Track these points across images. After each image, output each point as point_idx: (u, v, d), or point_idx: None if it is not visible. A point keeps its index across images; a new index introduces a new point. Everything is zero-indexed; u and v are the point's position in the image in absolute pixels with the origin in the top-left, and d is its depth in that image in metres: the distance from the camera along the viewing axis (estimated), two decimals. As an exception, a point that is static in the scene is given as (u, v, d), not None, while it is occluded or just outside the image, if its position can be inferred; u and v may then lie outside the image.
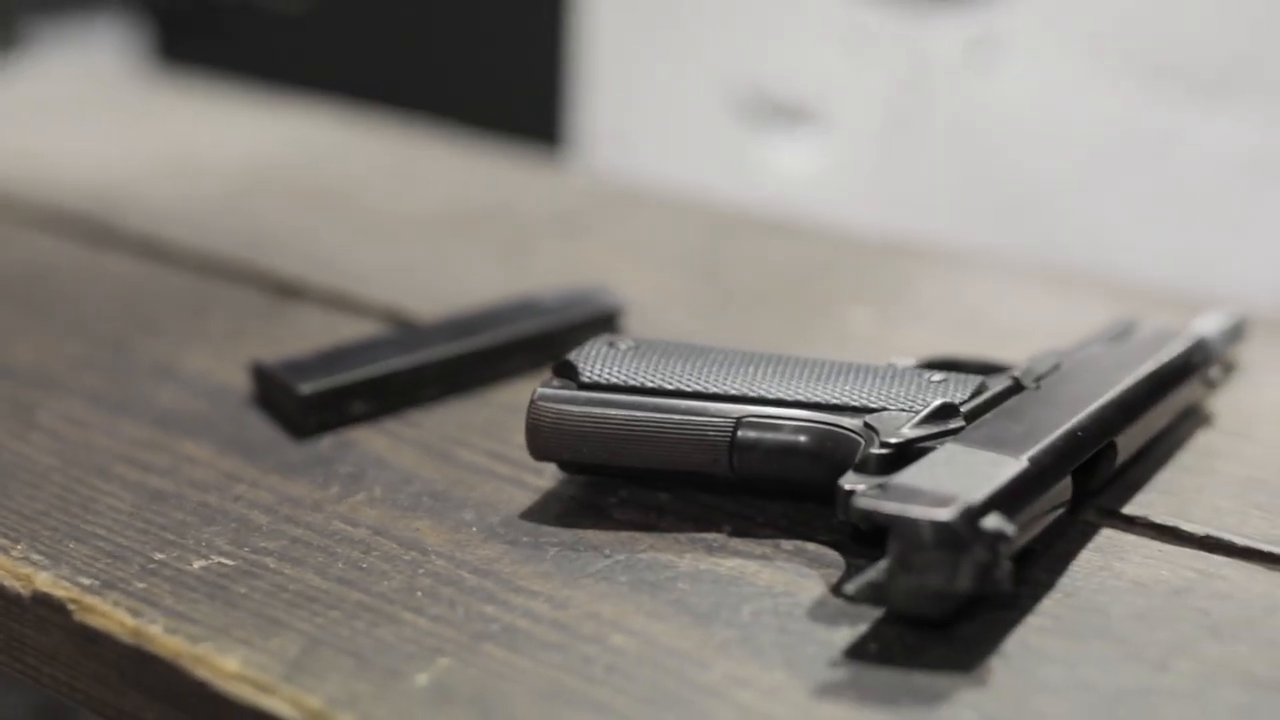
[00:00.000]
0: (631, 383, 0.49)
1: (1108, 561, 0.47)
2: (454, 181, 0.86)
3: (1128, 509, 0.50)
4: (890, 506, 0.41)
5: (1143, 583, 0.46)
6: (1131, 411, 0.50)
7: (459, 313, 0.61)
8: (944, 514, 0.41)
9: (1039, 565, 0.46)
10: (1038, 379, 0.50)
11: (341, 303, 0.67)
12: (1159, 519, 0.49)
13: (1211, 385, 0.57)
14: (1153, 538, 0.48)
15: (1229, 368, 0.60)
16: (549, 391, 0.49)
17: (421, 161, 0.90)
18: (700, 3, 1.01)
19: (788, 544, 0.47)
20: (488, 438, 0.54)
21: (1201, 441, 0.55)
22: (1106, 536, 0.48)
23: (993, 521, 0.41)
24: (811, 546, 0.47)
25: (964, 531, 0.40)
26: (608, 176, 0.98)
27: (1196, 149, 0.85)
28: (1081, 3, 0.88)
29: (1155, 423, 0.52)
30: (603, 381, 0.49)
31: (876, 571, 0.41)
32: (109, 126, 0.95)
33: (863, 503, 0.41)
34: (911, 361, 0.52)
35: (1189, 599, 0.45)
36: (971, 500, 0.41)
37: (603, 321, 0.60)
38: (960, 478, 0.43)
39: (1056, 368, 0.52)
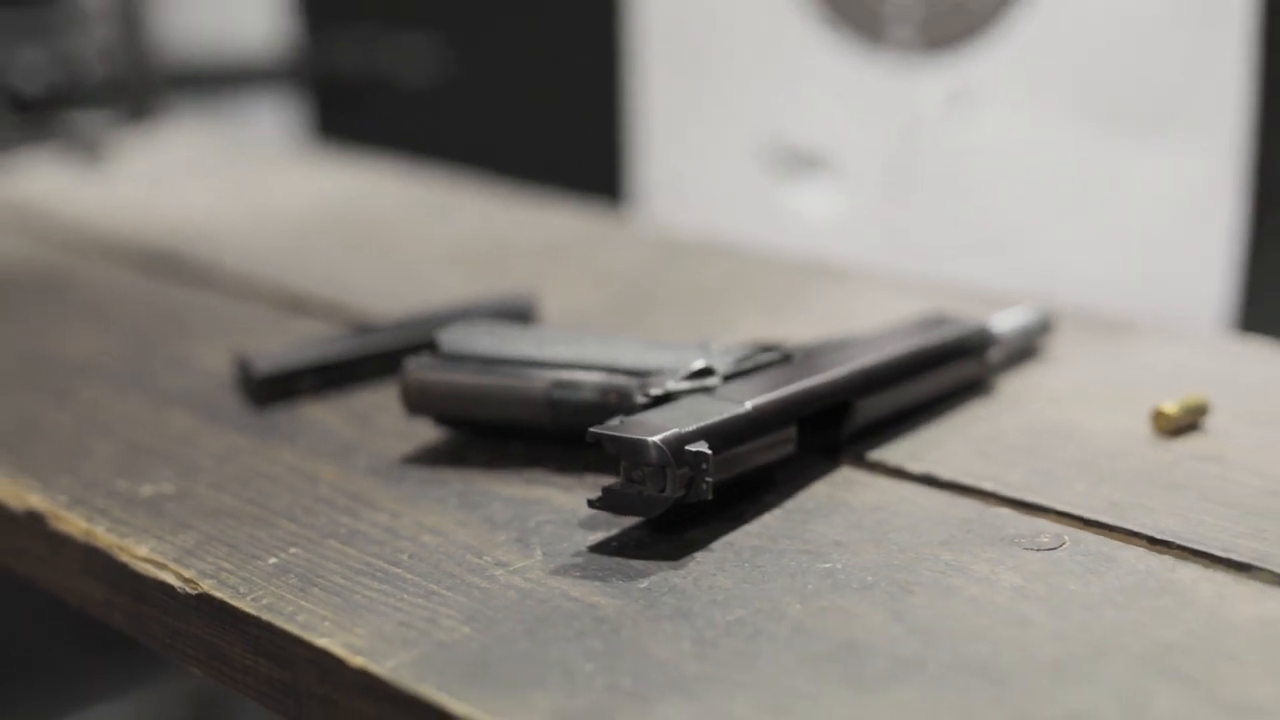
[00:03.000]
0: (477, 354, 0.63)
1: (833, 491, 0.59)
2: (467, 223, 1.01)
3: (874, 455, 0.62)
4: (619, 432, 0.55)
5: (851, 505, 0.58)
6: (876, 379, 0.62)
7: (407, 314, 0.76)
8: (657, 437, 0.54)
9: (777, 492, 0.59)
10: (806, 353, 0.63)
11: (336, 310, 0.83)
12: (893, 462, 0.61)
13: (990, 365, 0.68)
14: (882, 475, 0.61)
15: (1029, 353, 0.72)
16: (414, 361, 0.63)
17: (457, 207, 1.05)
18: (732, 66, 1.14)
19: (593, 479, 0.61)
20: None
21: (973, 408, 0.67)
22: (844, 474, 0.61)
23: (696, 446, 0.54)
24: (610, 480, 0.61)
25: (671, 451, 0.54)
26: (596, 215, 1.12)
27: (1141, 183, 0.96)
28: (1038, 54, 0.99)
29: (912, 391, 0.64)
30: (455, 354, 0.63)
31: (611, 484, 0.55)
32: (209, 182, 1.13)
33: (600, 430, 0.55)
34: (734, 343, 0.65)
35: (876, 515, 0.57)
36: (683, 430, 0.55)
37: (516, 319, 0.75)
38: (685, 417, 0.56)
39: (831, 344, 0.64)
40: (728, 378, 0.60)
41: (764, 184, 1.13)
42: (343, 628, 0.51)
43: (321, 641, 0.50)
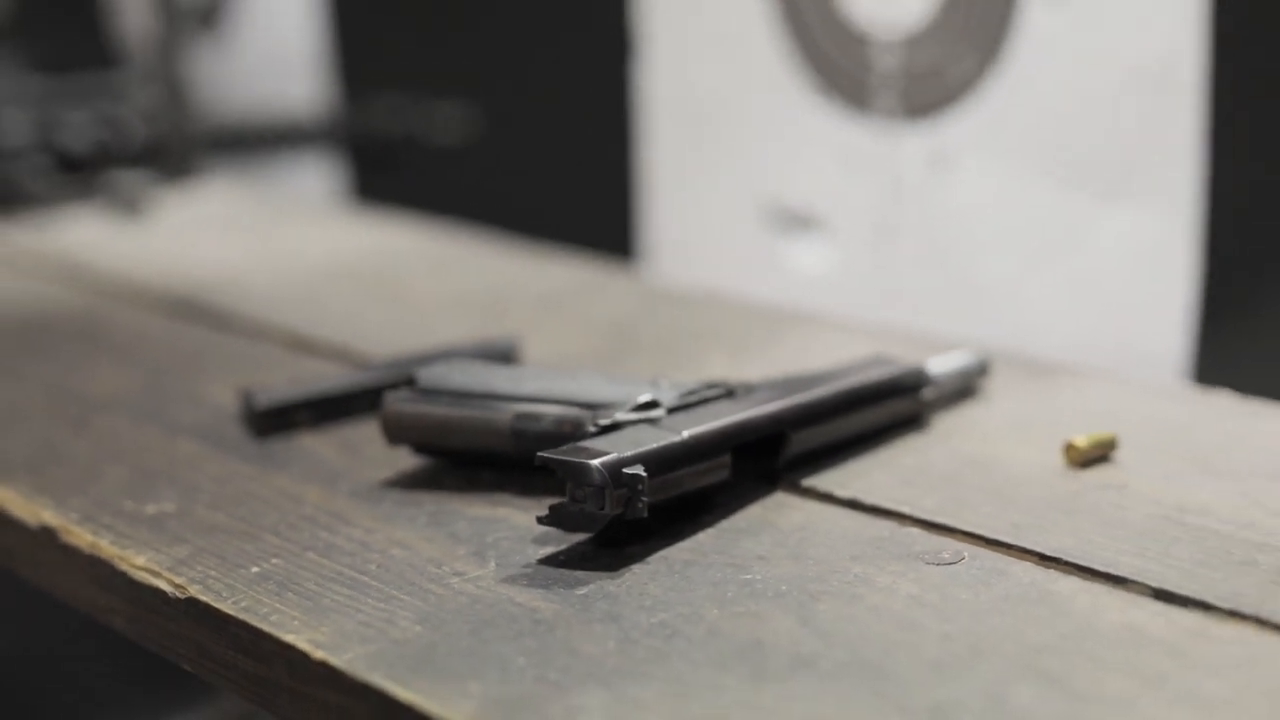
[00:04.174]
0: (451, 389, 0.69)
1: (765, 513, 0.65)
2: (472, 274, 1.08)
3: (807, 481, 0.68)
4: (565, 456, 0.61)
5: (778, 525, 0.64)
6: (809, 413, 0.68)
7: (399, 355, 0.83)
8: (597, 461, 0.60)
9: (714, 513, 0.65)
10: (749, 389, 0.69)
11: (341, 353, 0.90)
12: (823, 488, 0.67)
13: (925, 403, 0.74)
14: (812, 500, 0.67)
15: (966, 393, 0.78)
16: (393, 395, 0.70)
17: (464, 259, 1.12)
18: (733, 132, 1.21)
19: (551, 501, 0.67)
20: (389, 439, 0.76)
21: (905, 441, 0.72)
22: (777, 499, 0.67)
23: (633, 469, 0.60)
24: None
25: (608, 474, 0.60)
26: (591, 269, 1.19)
27: (1103, 240, 1.01)
28: (1009, 121, 1.05)
29: (845, 425, 0.70)
30: (432, 389, 0.70)
31: (558, 502, 0.61)
32: (237, 235, 1.21)
33: (547, 455, 0.61)
34: (683, 380, 0.71)
35: (799, 534, 0.63)
36: (622, 455, 0.61)
37: (498, 360, 0.81)
38: (626, 444, 0.62)
39: (773, 382, 0.71)
40: (672, 410, 0.66)
41: (763, 241, 1.19)
42: (310, 626, 0.57)
43: (289, 638, 0.56)
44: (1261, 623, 0.55)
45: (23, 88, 1.48)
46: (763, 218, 1.17)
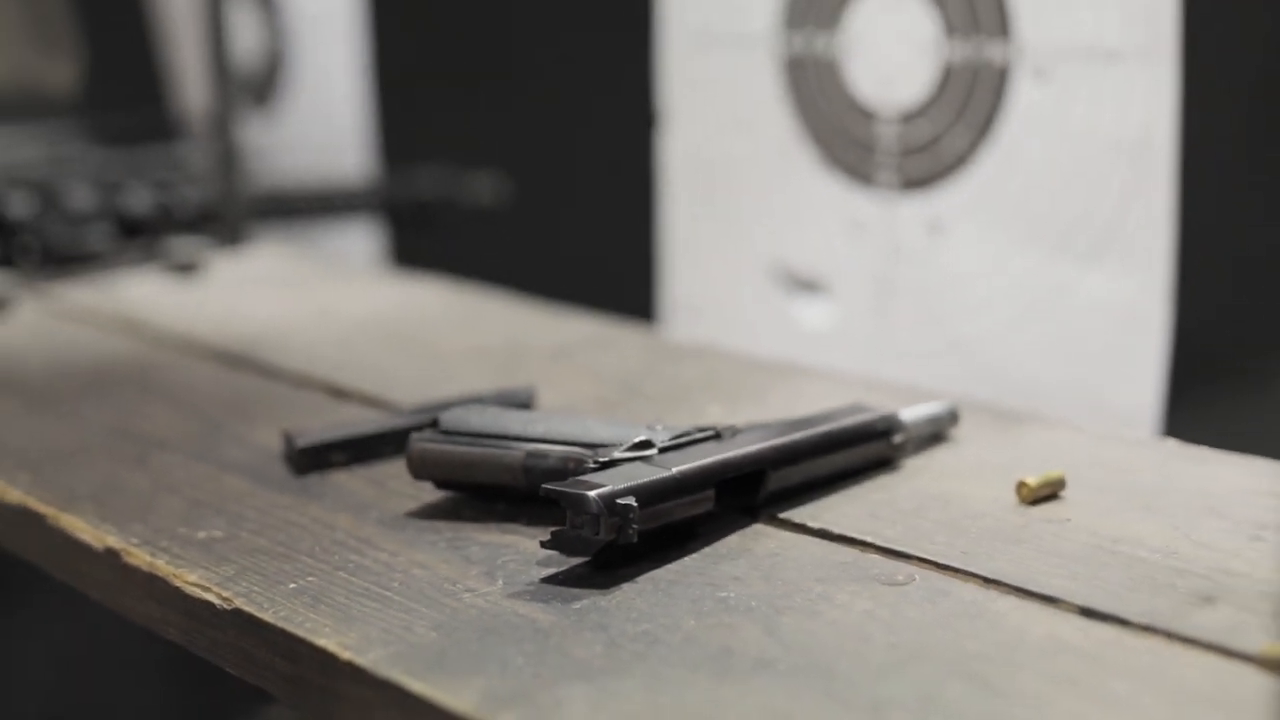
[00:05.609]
0: (470, 430, 0.78)
1: (744, 541, 0.74)
2: (495, 329, 1.17)
3: (784, 514, 0.76)
4: (565, 488, 0.69)
5: (754, 552, 0.72)
6: (786, 454, 0.76)
7: (425, 402, 0.91)
8: (592, 493, 0.69)
9: (699, 541, 0.73)
10: (735, 432, 0.78)
11: (374, 400, 0.98)
12: (797, 520, 0.75)
13: (897, 447, 0.82)
14: (787, 530, 0.75)
15: (937, 438, 0.86)
16: (418, 434, 0.78)
17: (488, 315, 1.21)
18: (747, 198, 1.29)
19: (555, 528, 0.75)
20: (415, 476, 0.84)
21: (877, 480, 0.80)
22: (756, 529, 0.75)
23: (625, 500, 0.69)
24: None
25: (603, 504, 0.68)
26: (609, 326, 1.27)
27: (1083, 301, 1.09)
28: (996, 191, 1.13)
29: (820, 465, 0.78)
30: (452, 430, 0.78)
31: (559, 529, 0.69)
32: (283, 293, 1.30)
33: (550, 487, 0.70)
34: (677, 424, 0.80)
35: (772, 559, 0.71)
36: (616, 487, 0.69)
37: (517, 406, 0.90)
38: (620, 478, 0.70)
39: (757, 426, 0.79)
40: (663, 449, 0.75)
41: (772, 301, 1.27)
42: (339, 632, 0.65)
43: (321, 642, 0.65)
44: (1171, 635, 0.62)
45: (90, 160, 1.59)
46: (772, 280, 1.25)
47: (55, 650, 1.75)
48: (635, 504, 0.69)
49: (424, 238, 1.64)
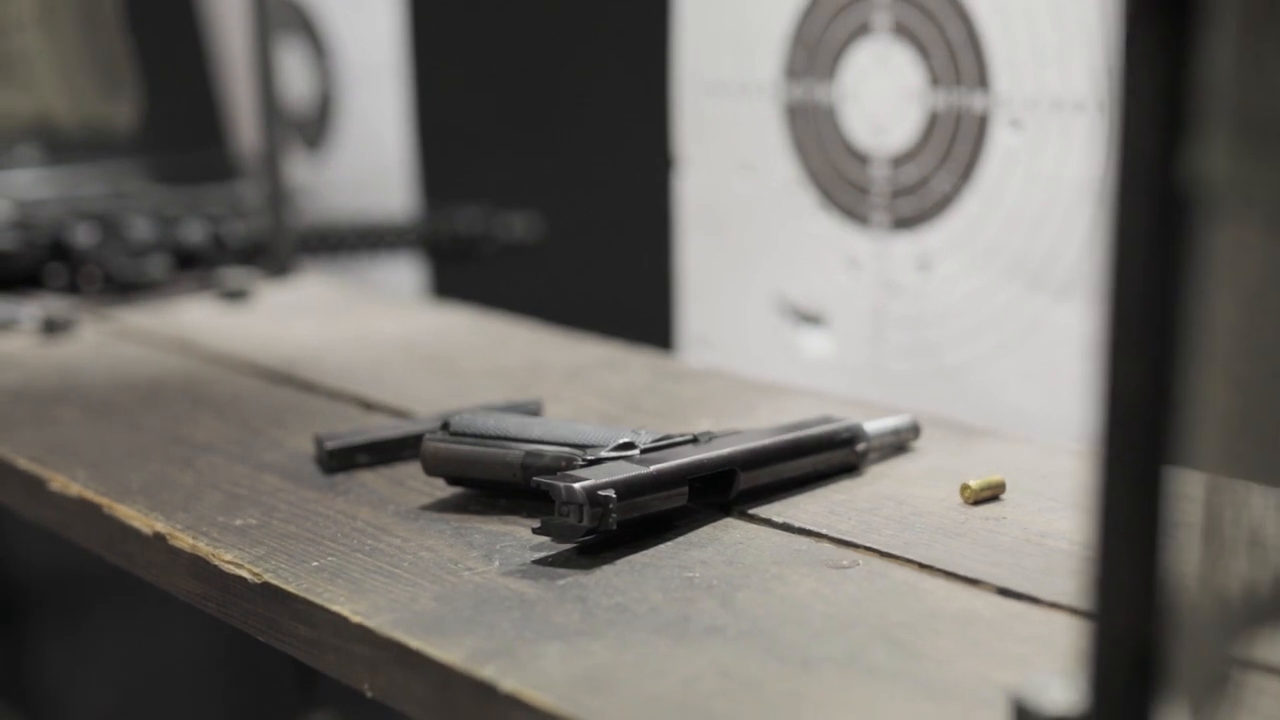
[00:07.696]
0: (476, 432, 0.88)
1: (714, 532, 0.83)
2: (515, 351, 1.27)
3: (753, 510, 0.86)
4: (554, 481, 0.79)
5: (722, 541, 0.82)
6: (754, 456, 0.86)
7: (444, 411, 1.01)
8: (576, 485, 0.78)
9: (674, 531, 0.83)
10: (711, 437, 0.87)
11: (400, 412, 1.09)
12: (763, 515, 0.85)
13: (860, 454, 0.91)
14: (754, 524, 0.84)
15: (900, 448, 0.95)
16: (430, 435, 0.88)
17: (509, 339, 1.31)
18: (754, 236, 1.39)
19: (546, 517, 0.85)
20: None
21: (839, 483, 0.90)
22: (726, 522, 0.84)
23: (606, 492, 0.78)
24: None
25: (586, 495, 0.78)
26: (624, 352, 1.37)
27: (1057, 332, 1.18)
28: (978, 230, 1.23)
29: (786, 467, 0.87)
30: (460, 431, 0.88)
31: (547, 517, 0.79)
32: (323, 318, 1.41)
33: (541, 479, 0.79)
34: (659, 429, 0.89)
35: (737, 547, 0.80)
36: (598, 481, 0.79)
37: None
38: (603, 474, 0.80)
39: (731, 433, 0.88)
40: (645, 451, 0.84)
41: (777, 332, 1.36)
42: (352, 601, 0.75)
43: (336, 608, 0.75)
44: (1074, 611, 0.71)
45: (150, 198, 1.71)
46: (777, 312, 1.35)
47: (110, 672, 1.86)
48: (614, 496, 0.78)
49: (462, 271, 1.76)
